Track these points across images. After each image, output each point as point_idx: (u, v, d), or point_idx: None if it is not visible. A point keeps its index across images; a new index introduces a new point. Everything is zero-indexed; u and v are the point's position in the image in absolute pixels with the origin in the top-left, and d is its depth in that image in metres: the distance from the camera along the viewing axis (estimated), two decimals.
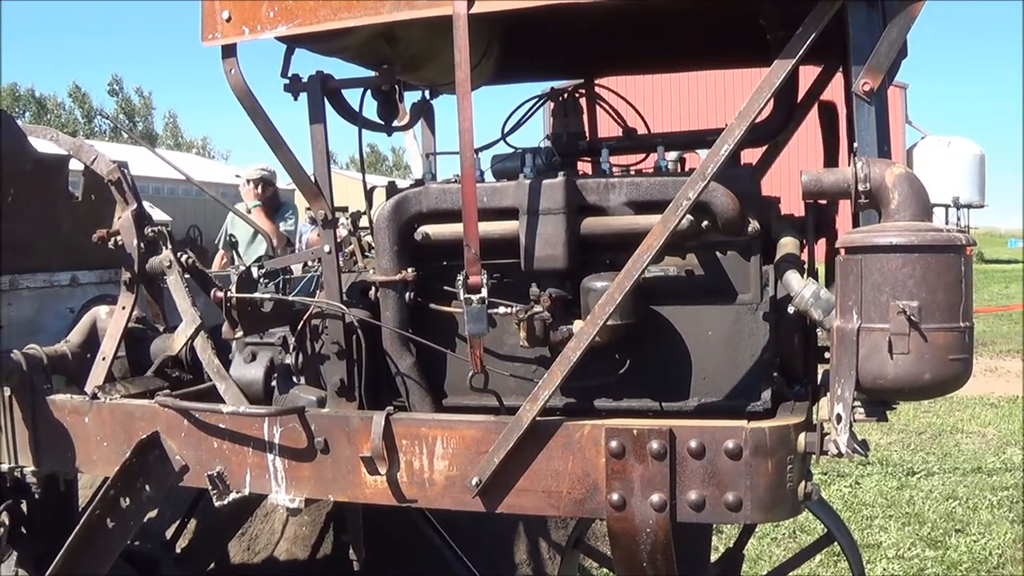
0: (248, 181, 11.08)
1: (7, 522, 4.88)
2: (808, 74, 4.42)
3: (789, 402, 3.72)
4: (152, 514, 4.74)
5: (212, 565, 6.73)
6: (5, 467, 4.62)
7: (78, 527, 4.34)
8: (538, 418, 3.46)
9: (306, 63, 4.12)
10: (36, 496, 4.86)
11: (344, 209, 4.77)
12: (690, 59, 5.70)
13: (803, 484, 3.31)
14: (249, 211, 10.80)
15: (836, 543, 5.36)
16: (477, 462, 3.57)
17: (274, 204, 11.27)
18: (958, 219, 18.32)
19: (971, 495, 9.87)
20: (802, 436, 3.29)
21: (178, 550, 6.26)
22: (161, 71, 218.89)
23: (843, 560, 6.39)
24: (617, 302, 3.37)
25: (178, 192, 48.89)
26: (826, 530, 5.35)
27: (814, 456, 3.33)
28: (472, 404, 4.01)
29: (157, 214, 4.86)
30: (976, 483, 10.27)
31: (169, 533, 6.32)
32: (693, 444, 3.29)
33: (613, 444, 3.36)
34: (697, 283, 3.77)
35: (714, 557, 5.73)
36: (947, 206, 17.22)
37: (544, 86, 5.16)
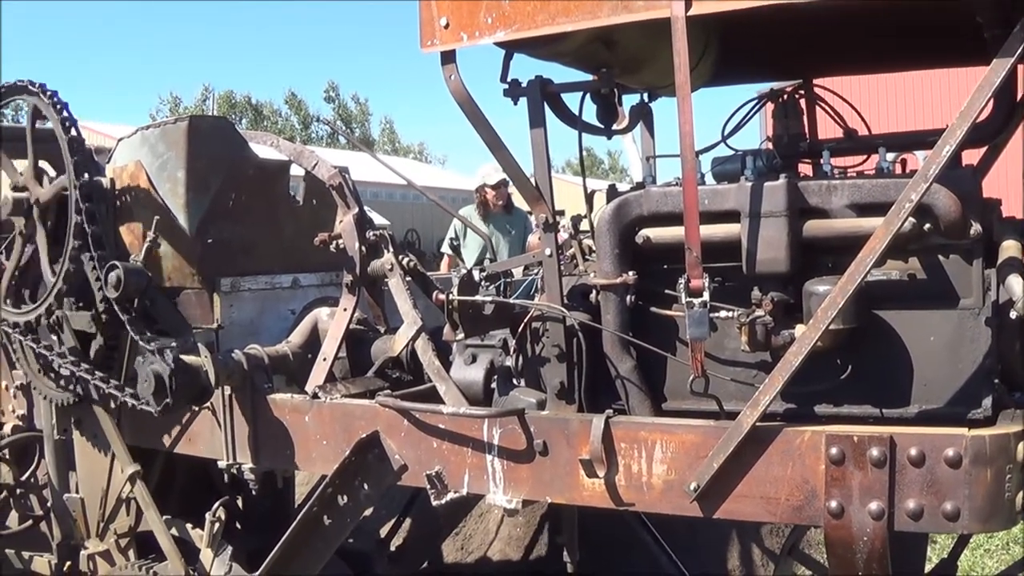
0: (487, 188, 11.42)
1: (223, 517, 5.16)
2: None
3: (1010, 410, 3.73)
4: (367, 512, 5.09)
5: (425, 564, 7.09)
6: (224, 464, 4.99)
7: (295, 523, 4.68)
8: (758, 423, 3.58)
9: (523, 68, 4.41)
10: (252, 492, 5.13)
11: (562, 212, 4.84)
12: (908, 59, 5.78)
13: (1021, 494, 3.38)
14: (485, 217, 11.18)
15: None
16: (696, 467, 3.71)
17: (508, 206, 11.60)
18: None
19: None
20: (1022, 445, 3.35)
21: (392, 548, 6.62)
22: (375, 78, 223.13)
23: None
24: (840, 306, 3.46)
25: (396, 196, 50.03)
26: None
27: None
28: (691, 408, 4.12)
29: (376, 218, 5.17)
30: None
31: (383, 531, 6.70)
32: (913, 452, 3.38)
33: (833, 451, 3.47)
34: (919, 287, 3.83)
35: (927, 568, 5.87)
36: None
37: (762, 87, 5.31)
